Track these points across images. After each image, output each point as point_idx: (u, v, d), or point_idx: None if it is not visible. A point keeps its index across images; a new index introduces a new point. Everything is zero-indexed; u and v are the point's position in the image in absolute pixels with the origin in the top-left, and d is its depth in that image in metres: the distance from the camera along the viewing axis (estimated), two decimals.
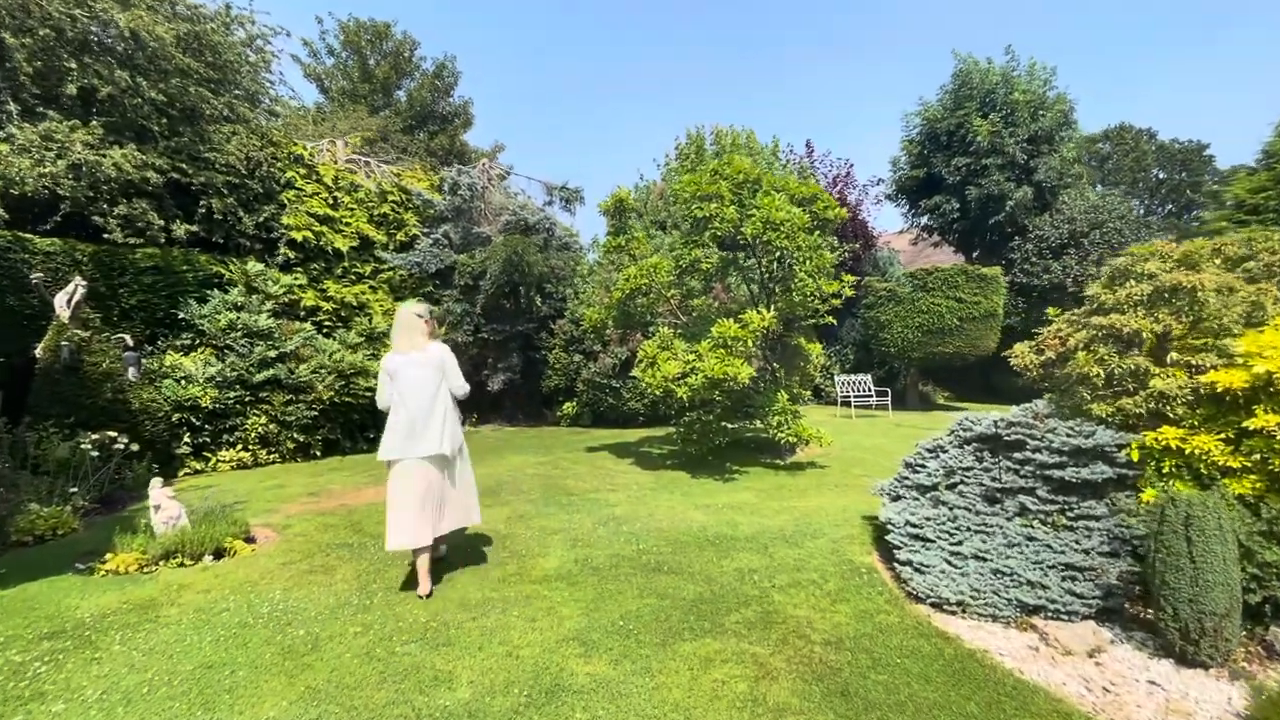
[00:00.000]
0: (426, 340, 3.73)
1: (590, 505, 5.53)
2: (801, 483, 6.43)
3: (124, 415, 6.54)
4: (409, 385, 3.59)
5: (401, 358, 3.64)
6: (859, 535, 4.60)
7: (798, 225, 6.18)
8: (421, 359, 3.65)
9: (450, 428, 3.67)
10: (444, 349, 3.78)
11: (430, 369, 3.64)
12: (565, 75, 66.40)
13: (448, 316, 10.75)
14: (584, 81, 71.96)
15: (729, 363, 5.98)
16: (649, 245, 7.59)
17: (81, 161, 7.15)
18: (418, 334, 3.71)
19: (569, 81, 68.06)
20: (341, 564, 4.02)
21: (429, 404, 3.59)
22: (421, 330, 3.73)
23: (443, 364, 3.70)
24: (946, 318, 12.99)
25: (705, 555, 4.13)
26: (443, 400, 3.65)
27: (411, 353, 3.65)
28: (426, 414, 3.58)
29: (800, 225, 6.20)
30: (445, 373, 3.70)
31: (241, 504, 5.69)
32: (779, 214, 6.10)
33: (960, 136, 15.89)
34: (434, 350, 3.71)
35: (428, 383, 3.62)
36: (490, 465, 7.58)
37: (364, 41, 22.23)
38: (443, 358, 3.72)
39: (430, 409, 3.59)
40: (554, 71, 64.71)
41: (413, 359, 3.63)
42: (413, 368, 3.62)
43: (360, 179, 10.92)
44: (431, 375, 3.64)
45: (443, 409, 3.64)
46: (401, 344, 3.69)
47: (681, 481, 6.54)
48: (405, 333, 3.70)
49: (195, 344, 8.00)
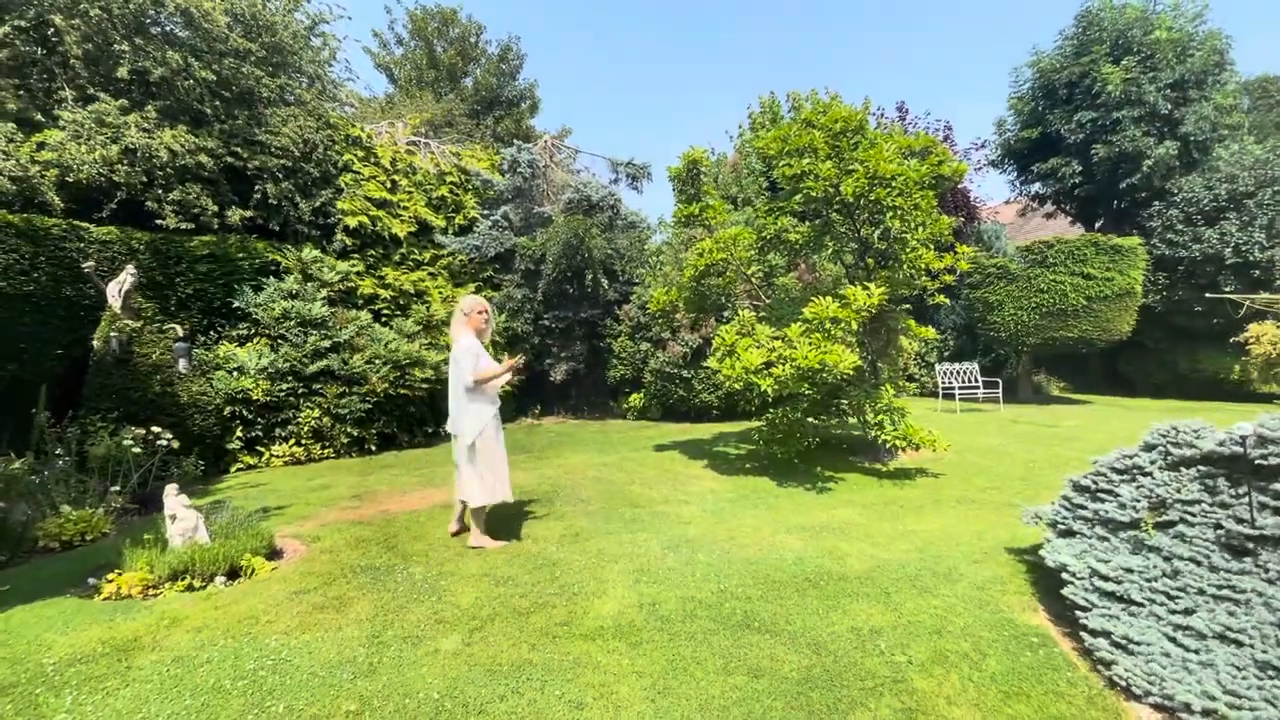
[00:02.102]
0: (463, 330, 4.18)
1: (658, 521, 4.66)
2: (914, 497, 5.30)
3: (172, 409, 6.27)
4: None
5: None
6: (1010, 578, 3.48)
7: (913, 180, 4.99)
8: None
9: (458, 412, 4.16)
10: (461, 344, 4.13)
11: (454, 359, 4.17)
12: (633, 54, 65.32)
13: (507, 303, 10.16)
14: (653, 60, 70.61)
15: (827, 350, 4.92)
16: (727, 215, 6.59)
17: (136, 146, 6.95)
18: (457, 325, 4.24)
19: (637, 60, 66.92)
20: (360, 596, 3.34)
21: (455, 387, 4.15)
22: (459, 322, 4.23)
23: (455, 358, 4.14)
24: (1071, 297, 11.15)
25: (807, 603, 3.16)
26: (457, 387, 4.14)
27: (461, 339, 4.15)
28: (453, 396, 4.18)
29: (917, 180, 5.01)
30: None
31: (278, 509, 5.23)
32: (888, 167, 4.94)
33: (1085, 88, 13.70)
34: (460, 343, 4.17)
35: (452, 369, 4.18)
36: (548, 465, 6.87)
37: (431, 29, 22.17)
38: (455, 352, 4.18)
39: (455, 392, 4.15)
40: (622, 51, 63.73)
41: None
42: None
43: (419, 161, 10.47)
44: (454, 365, 4.16)
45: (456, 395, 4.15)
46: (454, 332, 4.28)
47: (766, 491, 5.55)
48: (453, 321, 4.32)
49: (251, 334, 7.73)
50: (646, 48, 66.17)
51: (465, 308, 4.20)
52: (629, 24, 53.19)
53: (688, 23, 58.93)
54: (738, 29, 70.10)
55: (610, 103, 59.24)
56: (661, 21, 57.69)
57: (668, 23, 58.73)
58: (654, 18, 57.07)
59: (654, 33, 62.17)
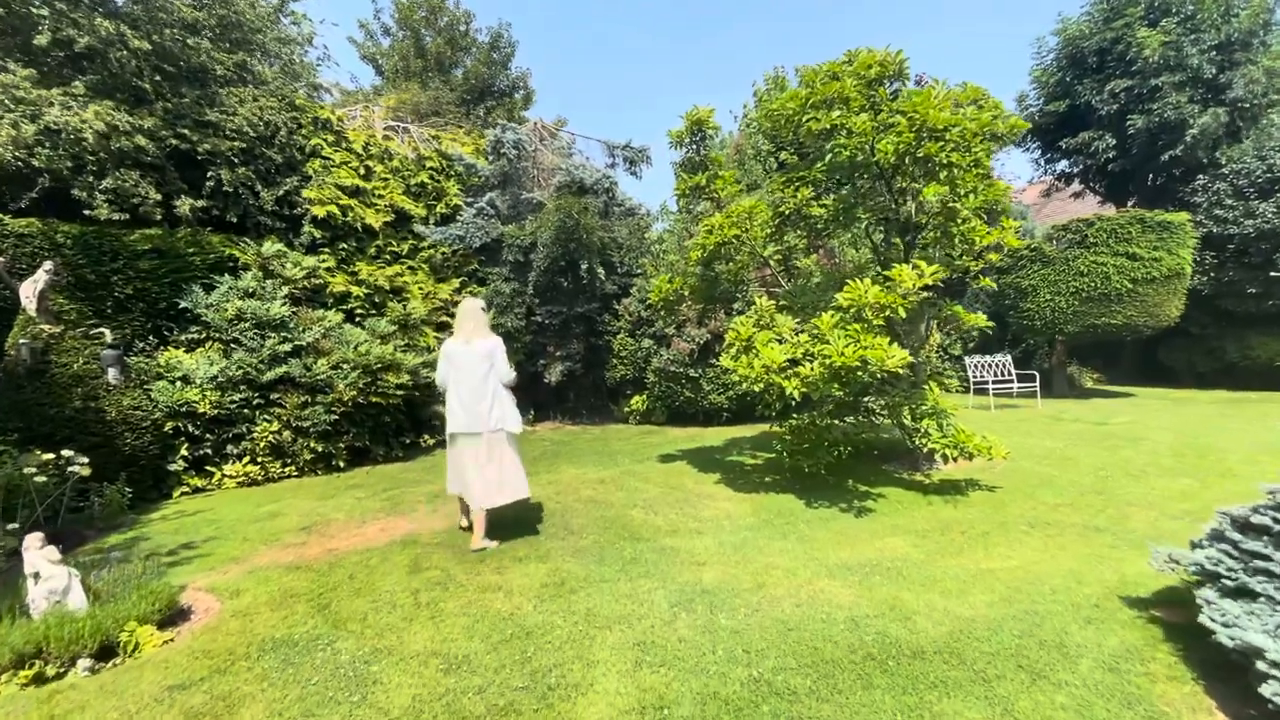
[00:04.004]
0: (483, 330, 4.20)
1: (665, 561, 3.74)
2: (974, 519, 4.36)
3: (96, 427, 5.38)
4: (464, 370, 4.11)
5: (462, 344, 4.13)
6: (1148, 650, 2.55)
7: (971, 132, 4.03)
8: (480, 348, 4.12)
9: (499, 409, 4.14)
10: (491, 342, 4.17)
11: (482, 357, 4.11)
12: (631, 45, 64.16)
13: (495, 298, 9.24)
14: (651, 49, 69.49)
15: (869, 343, 3.97)
16: (738, 187, 5.64)
17: (59, 125, 6.07)
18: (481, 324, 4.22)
19: (634, 50, 65.73)
20: (257, 694, 2.44)
21: (480, 386, 4.08)
22: (478, 320, 4.21)
23: (491, 354, 4.14)
24: (1115, 280, 10.13)
25: (876, 699, 2.24)
26: (491, 384, 4.11)
27: (475, 340, 4.12)
28: (478, 396, 4.08)
29: (977, 131, 4.05)
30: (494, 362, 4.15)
31: (206, 547, 4.33)
32: (940, 115, 3.98)
33: (1118, 54, 12.66)
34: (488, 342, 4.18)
35: (478, 368, 4.10)
36: (538, 482, 5.95)
37: (418, 18, 21.25)
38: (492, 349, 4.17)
39: (481, 392, 4.08)
40: (618, 40, 62.53)
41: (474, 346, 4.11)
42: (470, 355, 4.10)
43: (396, 145, 9.55)
44: (483, 363, 4.11)
45: (491, 391, 4.10)
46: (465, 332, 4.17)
47: (793, 514, 4.62)
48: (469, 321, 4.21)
49: (202, 338, 6.84)
50: (644, 37, 65.00)
51: (477, 307, 4.26)
52: (626, 11, 51.97)
53: (690, 8, 57.69)
54: (743, 15, 68.67)
55: (606, 92, 57.96)
56: (661, 6, 56.47)
57: (669, 8, 57.49)
58: (654, 4, 55.87)
59: (653, 19, 60.92)
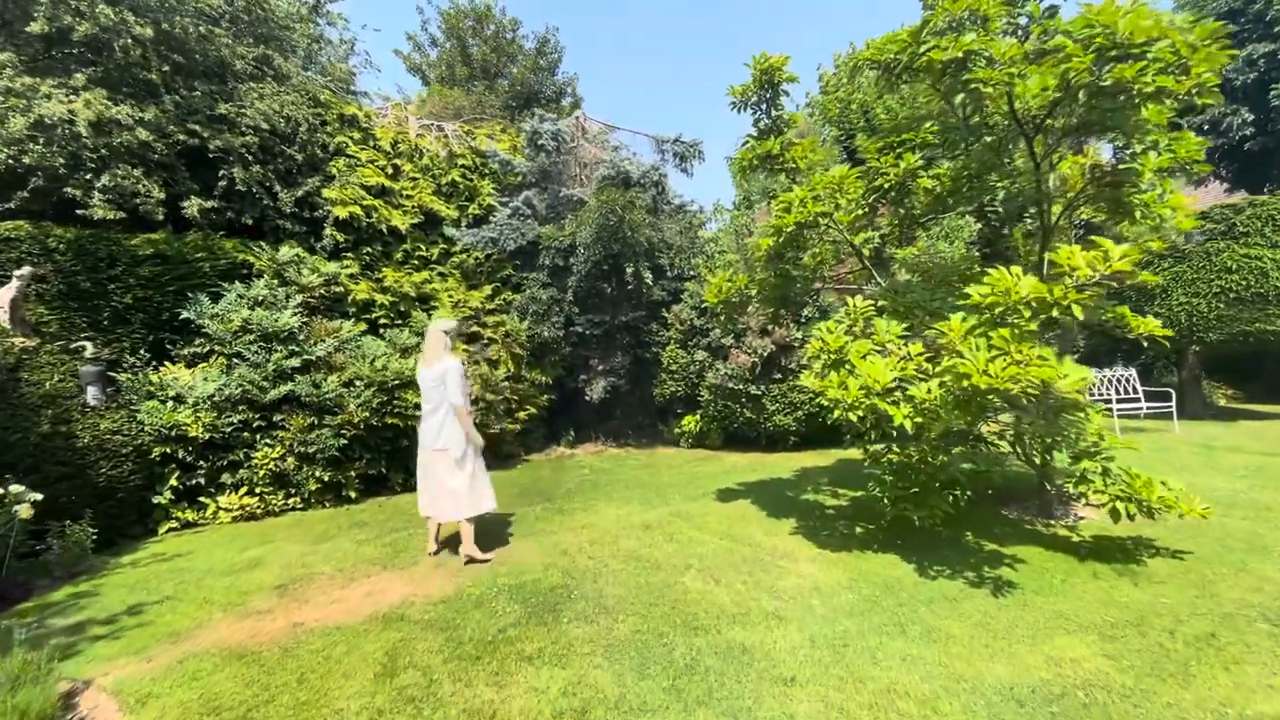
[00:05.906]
0: (447, 353, 4.21)
1: (734, 672, 2.58)
2: (1176, 607, 2.99)
3: (65, 455, 4.67)
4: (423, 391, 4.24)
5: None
6: None
7: (1185, 45, 2.74)
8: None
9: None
10: (453, 364, 4.13)
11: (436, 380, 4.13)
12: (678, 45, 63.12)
13: (530, 306, 8.31)
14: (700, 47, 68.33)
15: (1024, 356, 2.72)
16: (823, 155, 4.46)
17: (52, 118, 5.51)
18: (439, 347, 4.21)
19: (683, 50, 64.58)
20: None
21: (435, 409, 4.17)
22: (443, 344, 4.22)
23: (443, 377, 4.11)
24: (1274, 277, 8.30)
25: None
26: (444, 407, 4.13)
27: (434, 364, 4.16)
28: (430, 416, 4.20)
29: (1191, 45, 2.76)
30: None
31: (150, 610, 3.46)
32: (1139, 23, 2.71)
33: (1255, 14, 10.80)
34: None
35: (433, 393, 4.16)
36: (568, 527, 4.88)
37: (465, 27, 21.04)
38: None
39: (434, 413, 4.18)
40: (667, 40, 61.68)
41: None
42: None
43: (427, 143, 8.82)
44: (437, 386, 4.13)
45: (442, 412, 4.14)
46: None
47: (906, 588, 3.36)
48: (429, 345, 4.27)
49: (206, 351, 6.15)
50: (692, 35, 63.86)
51: (449, 330, 4.28)
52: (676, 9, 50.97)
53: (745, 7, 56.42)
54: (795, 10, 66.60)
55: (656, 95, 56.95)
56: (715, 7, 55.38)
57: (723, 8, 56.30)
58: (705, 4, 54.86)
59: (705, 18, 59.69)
